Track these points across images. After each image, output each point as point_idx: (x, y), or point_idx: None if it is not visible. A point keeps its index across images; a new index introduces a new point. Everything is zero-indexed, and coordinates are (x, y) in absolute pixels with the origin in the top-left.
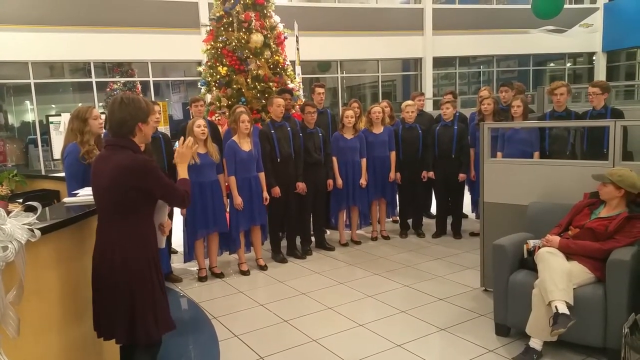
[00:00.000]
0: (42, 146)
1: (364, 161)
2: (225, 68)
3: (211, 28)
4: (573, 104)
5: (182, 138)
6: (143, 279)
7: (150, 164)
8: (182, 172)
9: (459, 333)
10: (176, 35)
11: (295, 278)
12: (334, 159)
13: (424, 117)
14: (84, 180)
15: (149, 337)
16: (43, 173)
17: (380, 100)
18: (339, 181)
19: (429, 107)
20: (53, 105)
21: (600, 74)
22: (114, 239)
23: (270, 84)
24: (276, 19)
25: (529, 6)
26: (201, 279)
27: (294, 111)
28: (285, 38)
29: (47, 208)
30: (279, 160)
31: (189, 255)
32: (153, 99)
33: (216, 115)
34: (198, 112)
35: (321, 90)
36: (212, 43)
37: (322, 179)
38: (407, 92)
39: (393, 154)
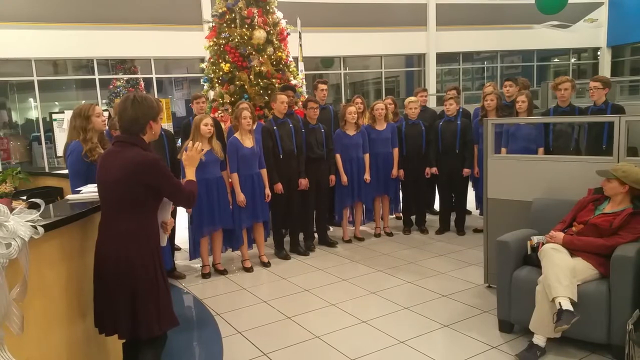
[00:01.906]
0: (46, 143)
1: (367, 156)
2: (227, 64)
3: (214, 24)
4: (577, 99)
5: (191, 142)
6: (147, 274)
7: (160, 162)
8: (190, 175)
9: (462, 329)
10: (179, 32)
11: (298, 274)
12: (338, 156)
13: (426, 113)
14: (87, 178)
15: (151, 332)
16: (47, 170)
17: (384, 97)
18: (344, 178)
19: (432, 103)
20: (56, 103)
21: (605, 69)
22: (119, 234)
23: (273, 80)
24: (279, 15)
25: (533, 1)
26: (204, 275)
27: (296, 107)
28: (288, 34)
29: (50, 205)
30: (281, 156)
31: (194, 252)
32: (156, 96)
33: (219, 112)
34: (200, 109)
35: (324, 86)
36: (215, 40)
37: (324, 174)
38: (411, 88)
39: (396, 151)
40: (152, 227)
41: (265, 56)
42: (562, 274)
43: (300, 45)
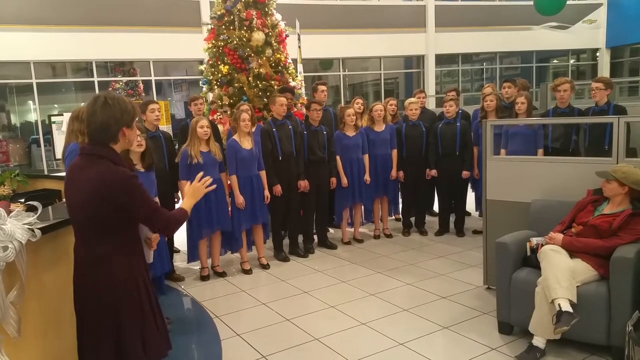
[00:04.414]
0: (45, 146)
1: (366, 157)
2: (226, 66)
3: (212, 26)
4: (576, 100)
5: (201, 174)
6: (131, 302)
7: (132, 179)
8: (187, 205)
9: (461, 331)
10: (178, 34)
11: (297, 277)
12: (338, 157)
13: (426, 115)
14: None
15: None
16: (45, 173)
17: (384, 98)
18: (344, 180)
19: (431, 105)
20: (55, 105)
21: (604, 70)
22: (94, 262)
23: (272, 82)
24: (277, 16)
25: (531, 3)
26: (203, 278)
27: (295, 109)
28: (287, 36)
29: (48, 207)
30: (280, 158)
31: (192, 255)
32: (155, 98)
33: (218, 114)
34: (198, 111)
35: (323, 87)
36: (214, 41)
37: (325, 177)
38: (410, 89)
39: (395, 152)
40: (131, 249)
41: (264, 58)
42: (562, 275)
43: (299, 47)
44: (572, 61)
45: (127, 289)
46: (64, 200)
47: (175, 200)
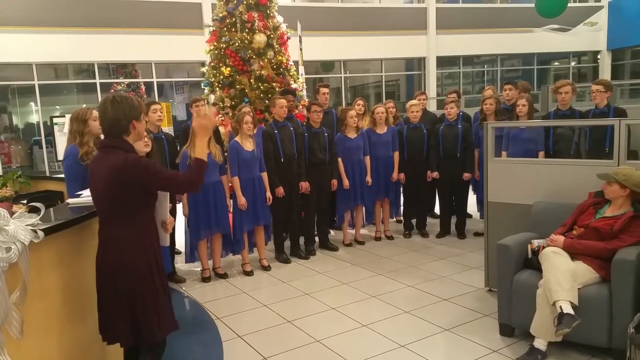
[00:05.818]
0: (47, 147)
1: (367, 159)
2: (228, 68)
3: (214, 29)
4: (577, 102)
5: (199, 107)
6: (144, 280)
7: (141, 160)
8: (200, 150)
9: (463, 333)
10: (180, 36)
11: (298, 278)
12: (339, 159)
13: (427, 117)
14: (84, 181)
15: (152, 339)
16: (47, 174)
17: (385, 100)
18: (346, 182)
19: (432, 107)
20: (57, 107)
21: (605, 73)
22: (114, 240)
23: (274, 84)
24: (279, 19)
25: (532, 5)
26: (205, 279)
27: (297, 111)
28: (288, 38)
29: (50, 209)
30: (282, 160)
31: (191, 255)
32: (157, 100)
33: (219, 115)
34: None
35: (325, 90)
36: (215, 44)
37: (326, 178)
38: (411, 91)
39: (396, 154)
40: (147, 231)
41: (266, 60)
42: (563, 277)
43: (301, 49)
44: (573, 63)
45: (141, 270)
46: (66, 201)
47: (177, 200)
